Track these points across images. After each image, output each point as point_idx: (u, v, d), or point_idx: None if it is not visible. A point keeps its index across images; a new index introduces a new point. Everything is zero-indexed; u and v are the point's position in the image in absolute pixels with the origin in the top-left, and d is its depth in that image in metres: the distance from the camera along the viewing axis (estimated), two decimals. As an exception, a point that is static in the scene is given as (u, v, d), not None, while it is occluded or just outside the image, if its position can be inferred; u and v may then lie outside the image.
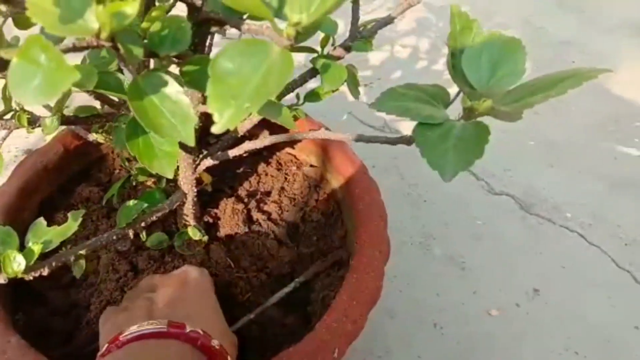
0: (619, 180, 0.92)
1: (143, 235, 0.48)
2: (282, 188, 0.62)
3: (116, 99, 0.44)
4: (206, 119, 0.49)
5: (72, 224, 0.38)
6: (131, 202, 0.45)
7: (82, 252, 0.40)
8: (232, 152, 0.48)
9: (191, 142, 0.26)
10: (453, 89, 0.39)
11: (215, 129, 0.23)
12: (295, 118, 0.54)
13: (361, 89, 1.07)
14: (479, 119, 0.35)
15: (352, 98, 0.52)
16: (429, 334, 0.73)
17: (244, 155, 0.64)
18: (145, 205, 0.44)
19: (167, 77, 0.26)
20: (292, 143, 0.65)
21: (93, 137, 0.54)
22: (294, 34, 0.24)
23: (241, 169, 0.63)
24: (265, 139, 0.47)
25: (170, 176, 0.40)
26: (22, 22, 0.34)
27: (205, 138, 0.54)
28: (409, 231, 0.84)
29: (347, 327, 0.44)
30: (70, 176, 0.61)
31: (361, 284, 0.47)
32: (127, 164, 0.53)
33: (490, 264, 0.80)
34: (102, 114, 0.48)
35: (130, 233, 0.44)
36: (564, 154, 0.96)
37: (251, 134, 0.57)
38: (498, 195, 0.90)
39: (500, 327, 0.73)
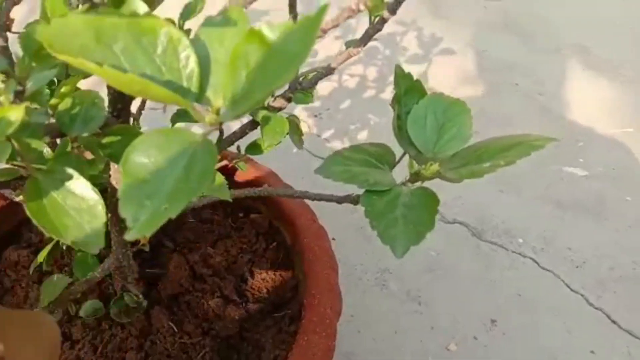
0: (566, 201, 0.93)
1: (72, 308, 0.44)
2: (229, 237, 0.59)
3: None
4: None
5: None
6: (55, 277, 0.41)
7: None
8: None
9: (100, 243, 0.23)
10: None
11: (128, 237, 0.20)
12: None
13: (310, 120, 1.06)
14: (425, 183, 0.33)
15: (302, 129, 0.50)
16: (388, 377, 0.71)
17: (187, 204, 0.61)
18: (69, 280, 0.40)
19: (70, 171, 0.23)
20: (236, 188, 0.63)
21: (18, 198, 0.50)
22: (217, 122, 0.22)
23: (184, 218, 0.60)
24: (203, 198, 0.44)
25: (96, 252, 0.37)
26: None
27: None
28: (364, 266, 0.83)
29: (300, 395, 0.41)
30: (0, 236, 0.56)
31: (312, 345, 0.44)
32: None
33: (446, 296, 0.79)
34: (26, 177, 0.44)
35: (57, 314, 0.41)
36: (512, 178, 0.97)
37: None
38: (450, 224, 0.89)
39: (460, 363, 0.72)
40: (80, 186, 0.22)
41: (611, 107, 1.11)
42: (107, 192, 0.37)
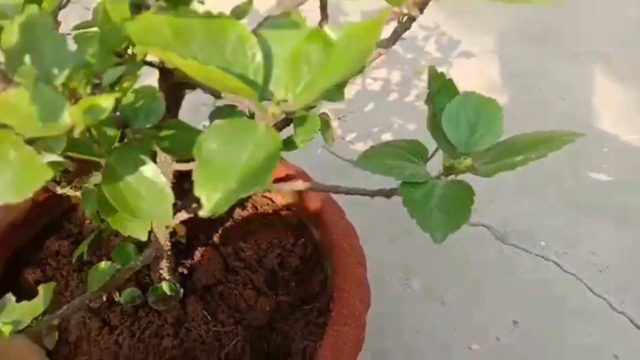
0: (590, 206, 0.94)
1: (117, 295, 0.46)
2: (259, 232, 0.61)
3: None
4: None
5: (41, 303, 0.36)
6: (103, 264, 0.43)
7: (54, 322, 0.39)
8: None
9: (169, 220, 0.25)
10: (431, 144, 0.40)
11: (202, 213, 0.22)
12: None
13: (335, 123, 1.08)
14: (459, 176, 0.35)
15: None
16: (412, 373, 0.72)
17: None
18: (117, 267, 0.42)
19: (143, 157, 0.25)
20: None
21: (61, 190, 0.52)
22: (279, 114, 0.24)
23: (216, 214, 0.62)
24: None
25: (145, 239, 0.39)
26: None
27: (180, 186, 0.53)
28: (388, 266, 0.84)
29: (331, 383, 0.43)
30: (40, 229, 0.59)
31: (343, 336, 0.46)
32: (97, 219, 0.51)
33: (469, 297, 0.80)
34: (71, 171, 0.47)
35: (104, 296, 0.43)
36: (536, 182, 0.97)
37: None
38: (474, 227, 0.90)
39: (482, 362, 0.73)
40: (151, 171, 0.25)
41: (633, 112, 1.11)
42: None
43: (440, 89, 0.36)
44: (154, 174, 0.24)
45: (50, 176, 0.19)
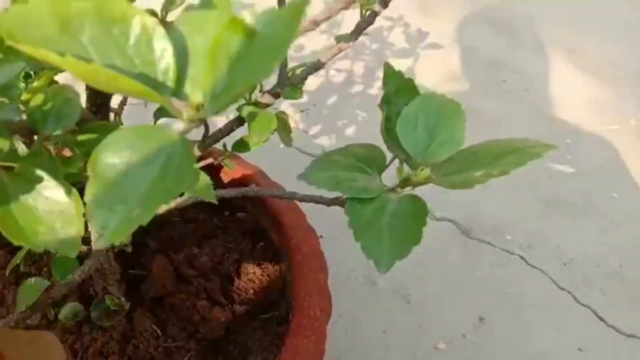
0: (554, 199, 0.93)
1: (51, 313, 0.42)
2: (215, 237, 0.57)
3: None
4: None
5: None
6: (32, 280, 0.39)
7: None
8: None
9: (74, 249, 0.21)
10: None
11: (96, 246, 0.18)
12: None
13: (297, 116, 1.04)
14: (416, 189, 0.32)
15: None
16: (378, 375, 0.70)
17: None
18: (47, 283, 0.38)
19: (41, 173, 0.21)
20: (222, 187, 0.61)
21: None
22: (196, 117, 0.20)
23: (168, 217, 0.58)
24: (188, 199, 0.42)
25: (73, 256, 0.35)
26: None
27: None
28: (352, 264, 0.81)
29: (289, 402, 0.40)
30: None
31: (301, 350, 0.43)
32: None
33: (434, 294, 0.79)
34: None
35: (35, 317, 0.39)
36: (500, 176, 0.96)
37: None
38: (439, 222, 0.89)
39: (449, 361, 0.72)
40: (51, 189, 0.21)
41: (597, 104, 1.12)
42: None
43: (398, 90, 0.33)
44: (55, 192, 0.21)
45: None
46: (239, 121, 0.44)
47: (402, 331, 0.74)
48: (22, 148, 0.28)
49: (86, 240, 0.44)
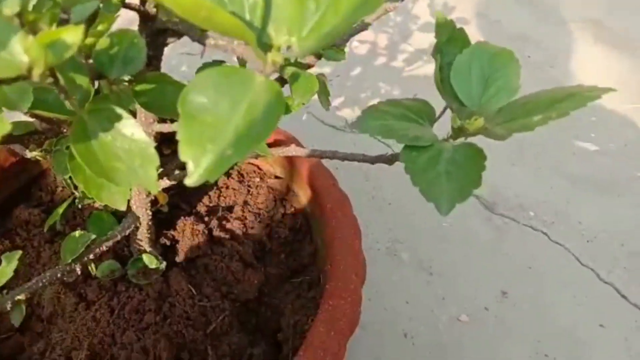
0: (578, 176, 0.92)
1: (92, 267, 0.42)
2: (245, 202, 0.58)
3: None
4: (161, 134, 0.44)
5: (6, 269, 0.32)
6: (77, 233, 0.39)
7: (21, 297, 0.35)
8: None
9: (154, 188, 0.21)
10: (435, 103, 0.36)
11: (189, 182, 0.18)
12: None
13: (320, 87, 1.03)
14: (469, 139, 0.32)
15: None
16: (400, 345, 0.71)
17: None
18: (93, 237, 0.38)
19: (120, 111, 0.21)
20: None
21: (30, 154, 0.48)
22: (280, 62, 0.20)
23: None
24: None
25: (123, 208, 0.35)
26: None
27: (160, 151, 0.48)
28: (376, 236, 0.82)
29: (326, 361, 0.41)
30: (7, 196, 0.54)
31: (338, 311, 0.43)
32: (70, 186, 0.47)
33: (458, 267, 0.79)
34: (40, 131, 0.42)
35: (78, 268, 0.39)
36: (525, 152, 0.96)
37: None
38: (463, 196, 0.88)
39: (471, 334, 0.72)
40: (130, 127, 0.21)
41: (622, 82, 1.10)
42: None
43: (450, 39, 0.33)
44: (135, 130, 0.20)
45: (7, 130, 0.15)
46: (280, 82, 0.44)
47: (425, 303, 0.75)
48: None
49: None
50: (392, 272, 0.78)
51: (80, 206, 0.49)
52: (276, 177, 0.60)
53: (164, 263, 0.48)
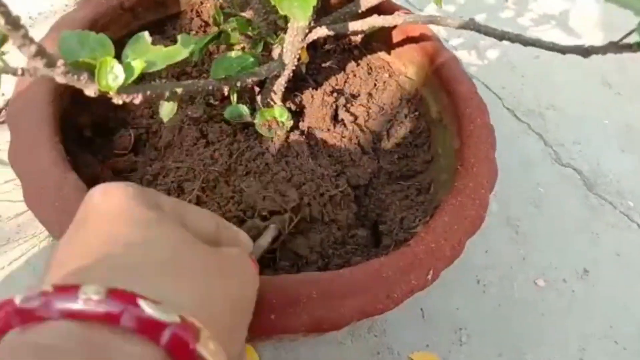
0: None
1: (234, 97, 0.41)
2: (370, 94, 0.55)
3: None
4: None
5: (181, 48, 0.31)
6: (233, 54, 0.38)
7: (179, 90, 0.34)
8: (354, 26, 0.41)
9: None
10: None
11: None
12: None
13: (441, 28, 0.99)
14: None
15: None
16: (471, 289, 0.68)
17: (333, 48, 0.57)
18: (251, 59, 0.37)
19: None
20: (388, 47, 0.58)
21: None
22: None
23: (327, 64, 0.56)
24: (397, 17, 0.40)
25: (304, 22, 0.33)
26: None
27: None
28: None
29: (445, 251, 0.39)
30: (143, 25, 0.54)
31: (464, 209, 0.41)
32: (221, 18, 0.45)
33: (544, 233, 0.75)
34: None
35: (225, 89, 0.38)
36: (636, 141, 0.90)
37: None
38: (564, 167, 0.84)
39: (544, 300, 0.69)
40: None
41: None
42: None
43: None
44: None
45: None
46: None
47: (505, 258, 0.72)
48: None
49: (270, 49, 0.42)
50: (477, 221, 0.75)
51: (223, 44, 0.47)
52: (406, 76, 0.57)
53: (291, 122, 0.46)
